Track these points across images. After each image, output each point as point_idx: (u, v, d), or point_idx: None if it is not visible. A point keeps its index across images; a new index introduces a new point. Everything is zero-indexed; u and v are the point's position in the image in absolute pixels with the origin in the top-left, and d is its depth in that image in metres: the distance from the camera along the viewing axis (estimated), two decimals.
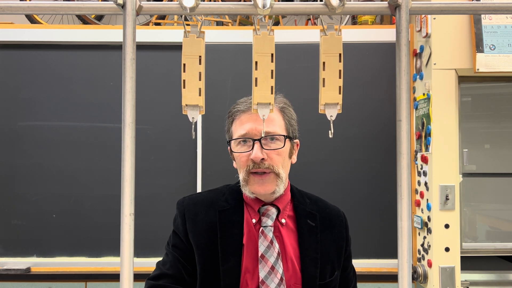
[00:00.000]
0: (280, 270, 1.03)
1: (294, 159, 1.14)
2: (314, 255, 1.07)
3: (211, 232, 1.07)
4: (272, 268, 1.02)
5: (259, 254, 1.04)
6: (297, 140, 1.15)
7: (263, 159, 1.02)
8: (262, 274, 1.03)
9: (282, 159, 1.05)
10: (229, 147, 1.13)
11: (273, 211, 1.09)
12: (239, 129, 1.07)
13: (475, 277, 2.02)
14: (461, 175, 1.99)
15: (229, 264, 1.04)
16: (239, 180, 1.10)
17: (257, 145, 1.02)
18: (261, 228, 1.07)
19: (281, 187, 1.06)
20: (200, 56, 0.67)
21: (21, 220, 2.08)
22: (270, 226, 1.06)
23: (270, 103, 0.68)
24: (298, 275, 1.06)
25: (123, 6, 0.55)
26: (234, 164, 1.13)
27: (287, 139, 1.06)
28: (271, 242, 1.05)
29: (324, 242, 1.10)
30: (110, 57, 2.13)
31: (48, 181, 2.09)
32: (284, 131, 1.07)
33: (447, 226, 1.89)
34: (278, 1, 2.16)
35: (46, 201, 2.09)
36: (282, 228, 1.09)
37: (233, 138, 1.08)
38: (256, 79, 0.67)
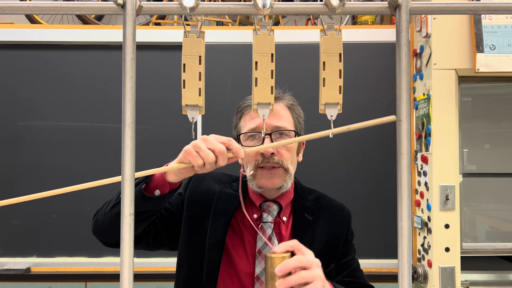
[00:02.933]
0: None
1: (300, 157, 1.14)
2: (307, 247, 1.06)
3: (209, 196, 1.09)
4: (265, 271, 1.00)
5: (256, 250, 1.03)
6: None
7: (272, 153, 1.01)
8: (258, 270, 1.02)
9: (291, 155, 1.05)
10: None
11: (274, 208, 1.07)
12: (248, 123, 1.06)
13: (475, 277, 2.02)
14: (461, 175, 1.99)
15: (218, 223, 1.05)
16: (244, 176, 1.10)
17: (267, 139, 1.02)
18: (261, 223, 1.05)
19: (289, 182, 1.05)
20: (200, 56, 0.67)
21: (21, 220, 2.08)
22: (270, 222, 1.05)
23: (270, 103, 0.68)
24: None
25: (123, 6, 0.55)
26: (240, 160, 1.11)
27: (296, 135, 1.07)
28: (269, 238, 1.03)
29: (320, 236, 1.07)
30: (110, 57, 2.13)
31: (48, 181, 2.09)
32: (293, 127, 1.07)
33: (447, 226, 1.89)
34: (278, 1, 2.16)
35: (46, 201, 2.08)
36: (282, 225, 1.07)
37: (243, 132, 1.07)
38: (256, 79, 0.67)
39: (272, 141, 1.03)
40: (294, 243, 0.84)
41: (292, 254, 0.83)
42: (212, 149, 0.82)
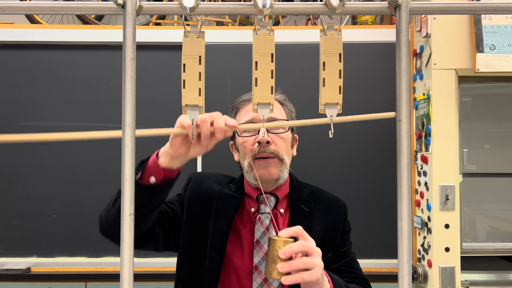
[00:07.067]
0: None
1: (294, 152, 1.18)
2: None
3: (209, 197, 1.12)
4: (267, 254, 1.03)
5: (255, 240, 1.05)
6: (296, 135, 1.19)
7: (268, 142, 1.05)
8: (256, 259, 1.04)
9: (286, 146, 1.09)
10: (231, 142, 1.18)
11: (271, 199, 1.11)
12: (244, 116, 1.10)
13: (475, 277, 2.02)
14: (461, 175, 1.99)
15: (219, 225, 1.07)
16: (242, 173, 1.15)
17: (263, 128, 1.05)
18: (259, 215, 1.08)
19: (285, 173, 1.09)
20: (200, 56, 0.67)
21: (21, 220, 2.08)
22: (268, 213, 1.08)
23: (270, 103, 0.68)
24: None
25: (123, 6, 0.55)
26: (236, 157, 1.16)
27: (289, 128, 1.11)
28: (267, 228, 1.06)
29: (317, 225, 1.10)
30: (110, 57, 2.13)
31: (48, 181, 2.09)
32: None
33: (447, 226, 1.89)
34: (278, 1, 2.16)
35: (46, 201, 2.08)
36: (280, 217, 1.11)
37: (239, 123, 1.11)
38: (256, 79, 0.67)
39: (268, 133, 1.07)
40: (298, 229, 0.86)
41: (295, 240, 0.85)
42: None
